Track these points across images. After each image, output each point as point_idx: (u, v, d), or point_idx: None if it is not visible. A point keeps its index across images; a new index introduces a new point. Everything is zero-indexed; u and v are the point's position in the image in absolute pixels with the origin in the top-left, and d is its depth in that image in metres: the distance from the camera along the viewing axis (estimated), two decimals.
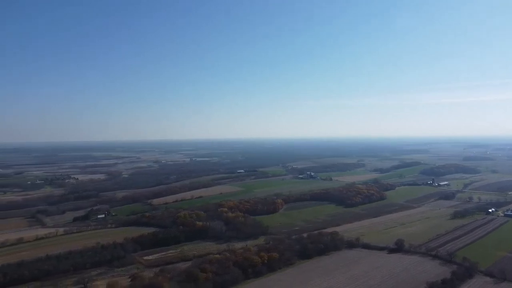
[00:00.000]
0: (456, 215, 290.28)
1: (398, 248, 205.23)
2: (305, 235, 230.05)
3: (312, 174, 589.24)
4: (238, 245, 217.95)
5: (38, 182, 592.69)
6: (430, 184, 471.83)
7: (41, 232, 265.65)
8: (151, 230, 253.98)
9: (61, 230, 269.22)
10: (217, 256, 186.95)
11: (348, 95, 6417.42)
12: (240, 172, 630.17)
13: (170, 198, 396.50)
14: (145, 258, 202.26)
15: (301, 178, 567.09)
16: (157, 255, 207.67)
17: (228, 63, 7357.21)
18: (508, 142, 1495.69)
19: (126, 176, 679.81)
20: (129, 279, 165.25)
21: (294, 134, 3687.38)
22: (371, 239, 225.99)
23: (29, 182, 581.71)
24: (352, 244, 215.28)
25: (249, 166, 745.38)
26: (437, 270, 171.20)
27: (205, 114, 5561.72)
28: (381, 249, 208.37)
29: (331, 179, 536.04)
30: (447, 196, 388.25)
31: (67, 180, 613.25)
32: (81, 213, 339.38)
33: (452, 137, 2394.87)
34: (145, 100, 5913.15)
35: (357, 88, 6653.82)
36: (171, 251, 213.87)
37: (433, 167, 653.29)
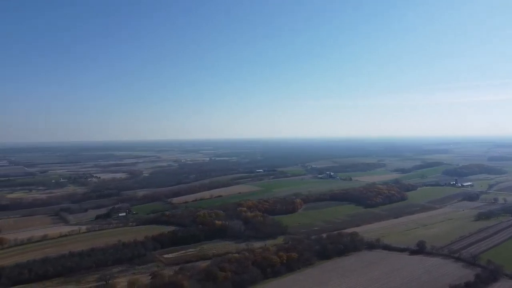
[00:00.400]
0: (480, 217, 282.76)
1: (420, 249, 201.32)
2: (324, 235, 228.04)
3: (332, 174, 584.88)
4: (257, 244, 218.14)
5: (61, 180, 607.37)
6: (453, 185, 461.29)
7: (65, 229, 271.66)
8: (171, 228, 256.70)
9: (83, 227, 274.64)
10: (236, 255, 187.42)
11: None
12: (259, 171, 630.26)
13: (189, 197, 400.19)
14: (165, 256, 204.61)
15: (321, 178, 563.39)
16: (177, 253, 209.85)
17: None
18: None
19: (146, 175, 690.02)
20: (150, 277, 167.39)
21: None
22: (392, 240, 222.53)
23: (53, 181, 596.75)
24: (372, 245, 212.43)
25: (268, 165, 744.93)
26: (460, 273, 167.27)
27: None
28: (402, 250, 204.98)
29: (351, 179, 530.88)
30: (471, 197, 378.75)
31: (89, 179, 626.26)
32: (103, 211, 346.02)
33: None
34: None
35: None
36: (190, 250, 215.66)
37: (456, 168, 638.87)
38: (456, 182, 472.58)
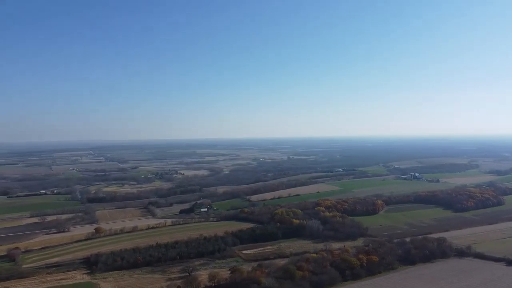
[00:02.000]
0: None
1: None
2: (408, 239, 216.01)
3: (417, 174, 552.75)
4: (335, 245, 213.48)
5: (150, 176, 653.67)
6: None
7: (152, 222, 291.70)
8: (249, 225, 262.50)
9: (169, 221, 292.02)
10: (314, 255, 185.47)
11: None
12: (338, 171, 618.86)
13: (267, 195, 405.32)
14: (244, 252, 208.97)
15: (404, 178, 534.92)
16: (255, 250, 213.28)
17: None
18: None
19: (226, 172, 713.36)
20: (229, 271, 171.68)
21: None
22: (486, 248, 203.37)
23: (142, 176, 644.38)
24: (462, 253, 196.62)
25: (347, 165, 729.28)
26: None
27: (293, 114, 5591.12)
28: (497, 260, 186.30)
29: (438, 181, 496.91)
30: None
31: (174, 175, 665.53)
32: (186, 206, 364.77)
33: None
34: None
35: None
36: (268, 247, 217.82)
37: None
38: None
